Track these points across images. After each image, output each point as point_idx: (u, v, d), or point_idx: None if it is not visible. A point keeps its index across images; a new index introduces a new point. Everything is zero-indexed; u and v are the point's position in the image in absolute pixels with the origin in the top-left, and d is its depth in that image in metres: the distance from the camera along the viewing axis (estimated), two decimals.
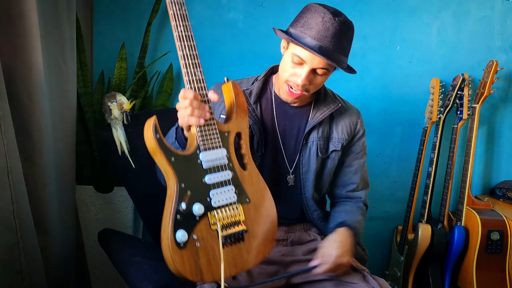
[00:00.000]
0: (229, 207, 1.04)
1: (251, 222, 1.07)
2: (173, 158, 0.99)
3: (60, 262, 1.47)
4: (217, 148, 1.04)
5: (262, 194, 1.11)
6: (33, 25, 1.22)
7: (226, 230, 1.02)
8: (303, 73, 1.13)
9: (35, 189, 1.31)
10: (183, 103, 1.00)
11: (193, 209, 0.99)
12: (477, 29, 2.02)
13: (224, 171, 1.05)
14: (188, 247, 0.97)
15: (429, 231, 1.93)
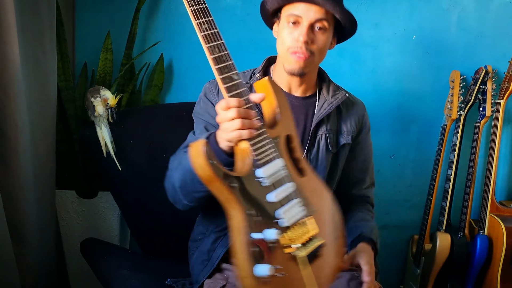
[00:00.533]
0: (300, 223, 1.00)
1: (323, 233, 1.04)
2: (234, 184, 0.93)
3: (38, 274, 1.47)
4: (274, 159, 0.99)
5: (324, 199, 1.10)
6: (8, 12, 1.22)
7: (305, 249, 0.99)
8: (303, 29, 1.19)
9: (9, 193, 1.31)
10: (227, 114, 0.94)
11: (268, 237, 0.94)
12: (501, 16, 2.02)
13: (285, 183, 1.00)
14: (272, 280, 0.92)
15: (449, 241, 1.93)
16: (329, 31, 1.23)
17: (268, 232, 0.94)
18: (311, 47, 1.20)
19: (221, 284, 1.19)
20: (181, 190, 1.14)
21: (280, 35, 1.24)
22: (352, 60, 2.00)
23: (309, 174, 1.09)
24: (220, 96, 1.28)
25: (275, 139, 1.03)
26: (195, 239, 1.37)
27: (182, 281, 1.33)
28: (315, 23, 1.20)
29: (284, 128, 1.06)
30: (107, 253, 1.48)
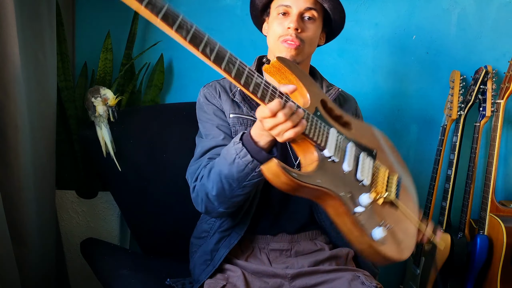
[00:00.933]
0: (376, 171, 1.10)
1: (391, 166, 1.16)
2: (319, 180, 0.97)
3: (38, 275, 1.47)
4: (328, 133, 1.02)
5: (373, 135, 1.17)
6: (8, 12, 1.22)
7: (391, 190, 1.10)
8: (293, 17, 1.22)
9: (10, 194, 1.31)
10: (276, 119, 0.94)
11: (364, 204, 1.02)
12: (502, 16, 2.02)
13: (347, 147, 1.06)
14: (389, 237, 1.03)
15: (449, 241, 1.93)
16: (318, 21, 1.26)
17: (363, 199, 1.01)
18: (301, 35, 1.23)
19: (221, 284, 1.19)
20: (217, 198, 1.14)
21: (271, 27, 1.27)
22: (352, 60, 2.00)
23: (353, 122, 1.14)
24: (222, 99, 1.28)
25: (316, 112, 1.03)
26: (198, 236, 1.37)
27: (182, 281, 1.33)
28: (305, 13, 1.23)
29: (315, 97, 1.05)
30: (107, 253, 1.48)
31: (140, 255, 1.60)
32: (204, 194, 1.16)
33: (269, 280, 1.23)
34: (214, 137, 1.25)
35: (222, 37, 1.93)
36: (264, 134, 1.03)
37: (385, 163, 1.14)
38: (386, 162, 1.14)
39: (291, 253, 1.32)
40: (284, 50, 1.23)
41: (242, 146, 1.05)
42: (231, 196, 1.12)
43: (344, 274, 1.23)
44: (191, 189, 1.21)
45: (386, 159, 1.15)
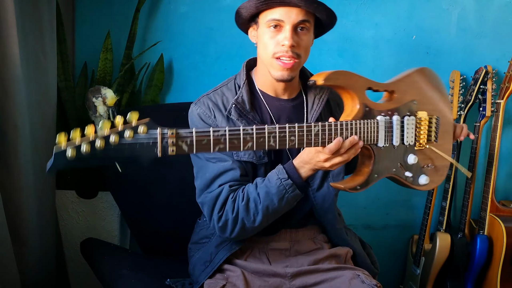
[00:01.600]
0: (417, 125, 1.22)
1: (431, 105, 1.25)
2: (376, 174, 1.18)
3: (38, 275, 1.47)
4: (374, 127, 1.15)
5: (410, 83, 1.24)
6: (8, 12, 1.22)
7: (431, 136, 1.24)
8: (287, 33, 1.17)
9: (10, 194, 1.31)
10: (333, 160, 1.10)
11: (411, 163, 1.21)
12: (501, 16, 2.02)
13: (393, 123, 1.18)
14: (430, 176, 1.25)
15: (449, 241, 1.93)
16: (311, 30, 1.22)
17: (409, 160, 1.21)
18: (297, 50, 1.18)
19: (221, 284, 1.19)
20: (258, 228, 1.21)
21: (262, 41, 1.21)
22: (352, 60, 2.00)
23: (392, 86, 1.23)
24: (218, 119, 1.24)
25: (364, 109, 1.15)
26: (198, 241, 1.37)
27: (182, 281, 1.33)
28: (298, 25, 1.17)
29: (361, 91, 1.16)
30: (107, 253, 1.48)
31: (140, 255, 1.60)
32: (240, 225, 1.19)
33: (269, 279, 1.23)
34: (219, 161, 1.22)
35: (222, 37, 1.93)
36: (314, 169, 1.15)
37: (426, 106, 1.25)
38: (427, 105, 1.25)
39: (290, 252, 1.32)
40: (280, 69, 1.19)
41: (292, 183, 1.15)
42: (268, 222, 1.21)
43: (344, 273, 1.23)
44: (215, 218, 1.20)
45: (427, 102, 1.25)
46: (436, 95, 1.29)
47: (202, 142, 0.93)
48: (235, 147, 0.97)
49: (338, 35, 1.95)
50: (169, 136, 0.88)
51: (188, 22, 1.91)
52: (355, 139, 1.09)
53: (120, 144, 0.82)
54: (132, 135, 0.83)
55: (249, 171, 1.24)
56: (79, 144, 0.79)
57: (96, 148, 0.80)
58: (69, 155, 0.79)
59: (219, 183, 1.20)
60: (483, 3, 2.00)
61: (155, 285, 1.31)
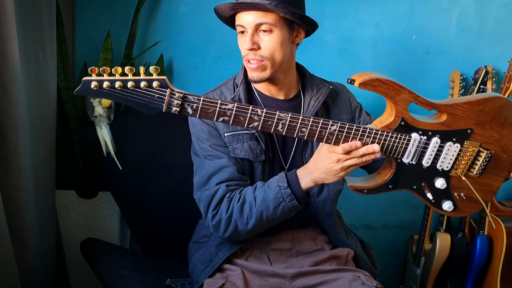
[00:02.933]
0: (462, 155, 1.17)
1: (488, 138, 1.17)
2: (390, 185, 1.15)
3: (38, 275, 1.47)
4: (408, 143, 1.13)
5: (473, 110, 1.15)
6: (8, 12, 1.22)
7: (474, 168, 1.18)
8: (247, 37, 1.19)
9: (10, 194, 1.31)
10: (346, 162, 1.09)
11: (439, 186, 1.16)
12: (501, 16, 2.02)
13: (429, 145, 1.14)
14: (458, 203, 1.20)
15: (449, 241, 1.93)
16: (276, 30, 1.18)
17: (437, 184, 1.16)
18: (260, 52, 1.19)
19: (220, 283, 1.19)
20: (250, 232, 1.20)
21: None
22: (352, 60, 1.99)
23: (445, 109, 1.15)
24: None
25: (401, 122, 1.12)
26: (198, 241, 1.37)
27: (182, 281, 1.33)
28: (259, 27, 1.18)
29: (399, 105, 1.12)
30: (107, 253, 1.48)
31: (140, 255, 1.60)
32: (233, 226, 1.19)
33: (269, 279, 1.23)
34: (216, 158, 1.24)
35: (222, 37, 1.93)
36: (315, 179, 1.14)
37: (483, 138, 1.17)
38: (485, 137, 1.17)
39: (291, 253, 1.32)
40: (249, 71, 1.21)
41: (290, 192, 1.14)
42: (261, 229, 1.20)
43: (345, 275, 1.23)
44: (210, 216, 1.21)
45: (486, 134, 1.18)
46: (503, 129, 1.18)
47: (208, 110, 1.00)
48: (239, 122, 1.01)
49: (338, 35, 1.94)
50: (177, 97, 0.97)
51: (188, 22, 1.91)
52: (374, 149, 1.08)
53: (134, 90, 0.94)
54: (146, 85, 0.94)
55: (246, 169, 1.24)
56: (103, 80, 0.93)
57: (115, 87, 0.93)
58: (93, 85, 0.92)
59: (216, 181, 1.21)
60: (483, 3, 2.00)
61: (155, 285, 1.31)
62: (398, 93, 1.12)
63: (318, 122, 1.05)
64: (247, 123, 1.02)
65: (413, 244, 2.11)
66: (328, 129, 1.06)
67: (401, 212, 2.14)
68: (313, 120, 1.05)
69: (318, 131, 1.06)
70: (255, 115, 1.02)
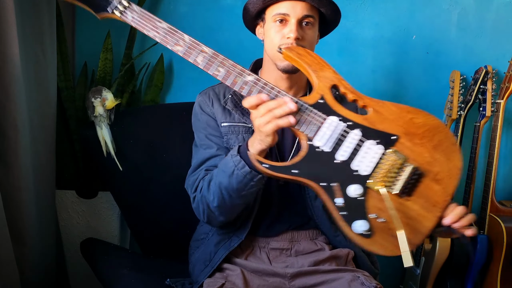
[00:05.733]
0: (383, 161, 1.02)
1: (416, 153, 1.03)
2: (295, 170, 1.01)
3: (38, 275, 1.47)
4: (323, 122, 1.03)
5: (403, 117, 1.05)
6: (8, 12, 1.22)
7: (396, 183, 1.01)
8: (292, 26, 1.18)
9: (10, 194, 1.31)
10: (259, 111, 1.01)
11: (351, 195, 0.99)
12: (502, 16, 2.02)
13: (349, 135, 1.03)
14: (375, 230, 0.98)
15: (449, 241, 1.93)
16: (315, 25, 1.24)
17: (350, 191, 0.99)
18: (302, 43, 1.20)
19: (220, 283, 1.19)
20: (218, 209, 1.17)
21: (268, 35, 1.24)
22: (352, 60, 2.00)
23: (374, 106, 1.06)
24: (215, 107, 1.29)
25: (319, 99, 1.05)
26: (197, 238, 1.37)
27: (182, 281, 1.33)
28: (303, 19, 1.20)
29: (324, 82, 1.07)
30: (107, 253, 1.48)
31: (140, 255, 1.60)
32: (205, 205, 1.19)
33: (269, 279, 1.23)
34: (208, 148, 1.27)
35: (222, 37, 1.93)
36: (255, 142, 1.06)
37: (407, 151, 1.02)
38: (410, 149, 1.03)
39: (291, 253, 1.32)
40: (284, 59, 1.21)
41: (240, 159, 1.09)
42: (232, 206, 1.16)
43: (344, 275, 1.23)
44: (192, 199, 1.24)
45: (412, 147, 1.03)
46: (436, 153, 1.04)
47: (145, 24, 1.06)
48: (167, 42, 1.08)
49: (338, 35, 1.94)
50: (122, 3, 1.06)
51: (188, 22, 1.91)
52: (285, 100, 1.01)
53: None
54: None
55: None
56: None
57: None
58: None
59: (204, 169, 1.24)
60: (483, 3, 2.00)
61: (155, 285, 1.31)
62: (322, 69, 1.07)
63: (235, 67, 1.05)
64: (173, 45, 1.08)
65: None
66: (243, 78, 1.03)
67: None
68: (232, 64, 1.05)
69: (234, 75, 1.04)
70: (180, 39, 1.08)
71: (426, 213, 1.01)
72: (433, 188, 1.02)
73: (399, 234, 0.96)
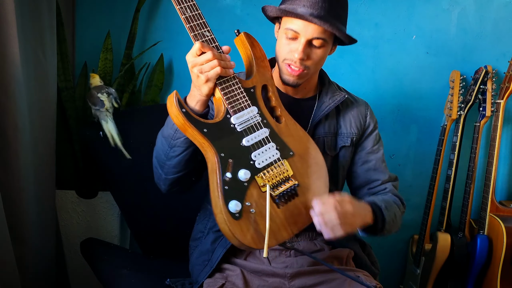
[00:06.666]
0: (275, 165, 1.11)
1: (300, 174, 1.14)
2: (206, 129, 1.06)
3: (38, 274, 1.47)
4: (246, 107, 1.11)
5: (304, 143, 1.18)
6: (8, 12, 1.22)
7: (277, 189, 1.09)
8: (299, 46, 1.18)
9: (10, 194, 1.31)
10: (203, 56, 1.05)
11: (239, 176, 1.06)
12: (501, 16, 2.02)
13: (260, 129, 1.12)
14: (244, 216, 1.04)
15: (449, 241, 1.93)
16: (327, 45, 1.22)
17: (240, 173, 1.06)
18: (306, 62, 1.20)
19: (220, 283, 1.19)
20: (157, 161, 1.21)
21: (279, 42, 1.24)
22: (352, 60, 2.00)
23: (287, 121, 1.18)
24: None
25: (250, 89, 1.14)
26: (195, 237, 1.37)
27: (182, 281, 1.33)
28: (313, 40, 1.19)
29: (260, 78, 1.16)
30: (107, 253, 1.48)
31: (140, 255, 1.60)
32: (153, 164, 1.23)
33: (268, 279, 1.23)
34: None
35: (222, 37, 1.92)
36: (195, 93, 1.10)
37: (295, 169, 1.13)
38: (297, 169, 1.13)
39: (290, 253, 1.31)
40: (287, 74, 1.22)
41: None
42: (166, 157, 1.18)
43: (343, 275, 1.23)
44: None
45: (300, 169, 1.13)
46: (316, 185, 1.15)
47: None
48: None
49: None
50: None
51: None
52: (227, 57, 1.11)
53: None
54: None
55: None
56: None
57: None
58: None
59: None
60: (483, 3, 2.00)
61: (155, 285, 1.31)
62: (264, 67, 1.17)
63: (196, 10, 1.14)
64: None
65: (413, 244, 2.12)
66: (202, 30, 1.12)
67: None
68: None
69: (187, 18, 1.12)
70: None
71: (287, 226, 1.09)
72: (301, 209, 1.12)
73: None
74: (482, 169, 2.04)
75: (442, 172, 2.00)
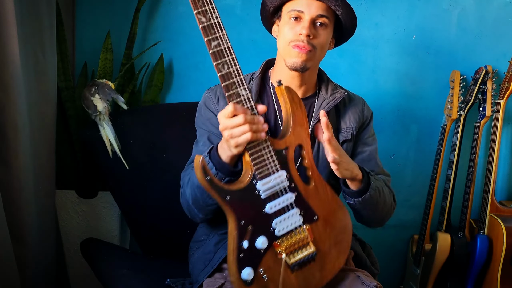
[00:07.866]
0: (295, 231, 1.07)
1: (321, 240, 1.11)
2: (228, 196, 1.02)
3: (38, 274, 1.47)
4: (275, 172, 1.05)
5: (331, 206, 1.13)
6: (8, 12, 1.22)
7: (294, 256, 1.07)
8: (305, 23, 1.20)
9: (10, 194, 1.31)
10: (235, 120, 0.99)
11: (257, 245, 1.04)
12: (501, 16, 2.02)
13: (285, 194, 1.06)
14: (255, 282, 1.03)
15: (449, 241, 1.93)
16: (329, 28, 1.24)
17: (258, 241, 1.03)
18: (313, 41, 1.21)
19: (220, 283, 1.19)
20: (195, 206, 1.19)
21: (282, 31, 1.25)
22: (352, 60, 2.00)
23: (317, 182, 1.11)
24: (220, 105, 1.28)
25: (283, 150, 1.06)
26: (197, 239, 1.37)
27: (182, 281, 1.33)
28: (317, 19, 1.21)
29: (295, 138, 1.08)
30: (107, 253, 1.48)
31: (140, 255, 1.60)
32: (185, 201, 1.21)
33: None
34: (204, 144, 1.27)
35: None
36: (225, 148, 1.06)
37: (316, 234, 1.10)
38: (319, 234, 1.10)
39: None
40: (295, 55, 1.21)
41: (209, 160, 1.09)
42: (205, 204, 1.17)
43: (344, 274, 1.23)
44: (180, 194, 1.25)
45: (322, 234, 1.11)
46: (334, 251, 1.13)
47: None
48: None
49: None
50: None
51: (188, 21, 1.91)
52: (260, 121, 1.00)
53: None
54: None
55: None
56: None
57: None
58: None
59: None
60: (483, 3, 2.00)
61: (155, 285, 1.31)
62: (301, 125, 1.08)
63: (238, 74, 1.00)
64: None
65: (413, 244, 2.12)
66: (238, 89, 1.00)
67: (401, 212, 2.14)
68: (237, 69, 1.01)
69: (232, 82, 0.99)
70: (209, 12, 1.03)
71: None
72: (315, 274, 1.10)
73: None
74: (482, 169, 2.04)
75: (442, 172, 2.00)
